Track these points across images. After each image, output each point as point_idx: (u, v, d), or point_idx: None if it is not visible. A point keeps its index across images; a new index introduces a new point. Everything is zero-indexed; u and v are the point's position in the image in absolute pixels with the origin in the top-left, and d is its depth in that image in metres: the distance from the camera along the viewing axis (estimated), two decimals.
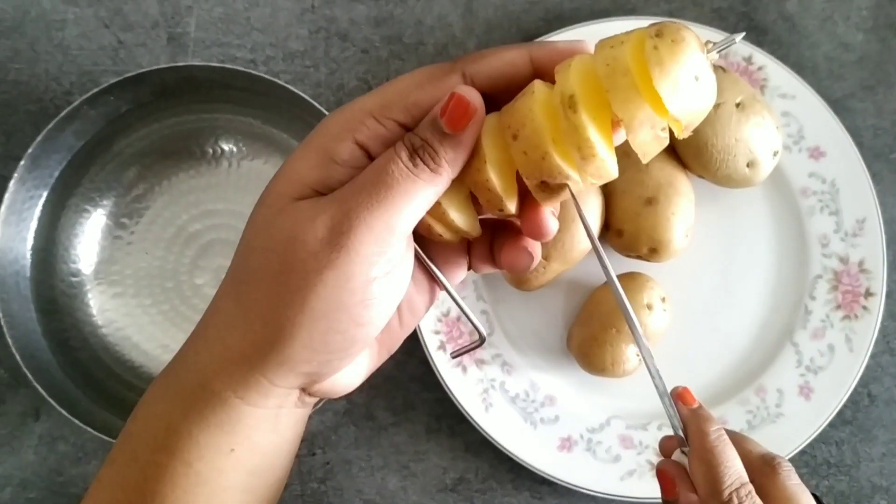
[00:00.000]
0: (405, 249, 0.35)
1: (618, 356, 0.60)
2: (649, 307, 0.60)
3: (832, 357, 0.64)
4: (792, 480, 0.39)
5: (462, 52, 0.67)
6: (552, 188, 0.34)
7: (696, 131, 0.59)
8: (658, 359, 0.45)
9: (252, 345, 0.34)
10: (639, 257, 0.61)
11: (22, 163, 0.59)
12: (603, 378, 0.62)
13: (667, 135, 0.32)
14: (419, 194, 0.33)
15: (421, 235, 0.37)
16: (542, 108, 0.32)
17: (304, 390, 0.37)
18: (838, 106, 0.67)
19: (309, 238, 0.32)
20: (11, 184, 0.59)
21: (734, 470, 0.38)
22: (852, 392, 0.63)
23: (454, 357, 0.43)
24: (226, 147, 0.65)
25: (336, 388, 0.37)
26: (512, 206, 0.35)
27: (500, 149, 0.34)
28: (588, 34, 0.64)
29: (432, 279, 0.40)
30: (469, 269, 0.40)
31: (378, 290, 0.34)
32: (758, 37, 0.68)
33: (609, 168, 0.33)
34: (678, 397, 0.41)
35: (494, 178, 0.34)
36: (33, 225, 0.62)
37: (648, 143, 0.32)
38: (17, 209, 0.61)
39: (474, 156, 0.34)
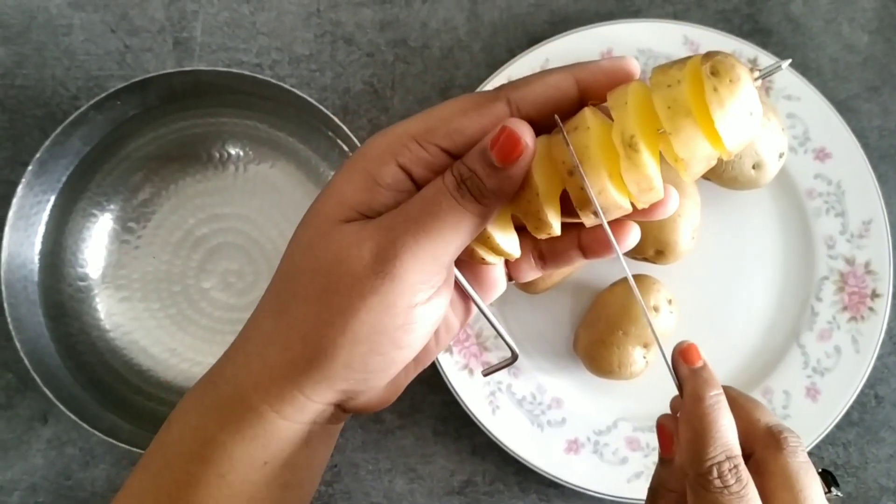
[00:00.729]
0: (447, 275, 0.35)
1: (625, 358, 0.60)
2: (656, 309, 0.60)
3: (839, 358, 0.64)
4: (797, 458, 0.36)
5: (468, 56, 0.67)
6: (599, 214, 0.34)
7: None
8: (664, 361, 0.44)
9: (291, 362, 0.34)
10: (645, 259, 0.61)
11: (30, 168, 0.59)
12: (610, 380, 0.62)
13: (716, 160, 0.33)
14: (466, 226, 0.33)
15: (460, 258, 0.37)
16: (598, 146, 0.33)
17: (340, 406, 0.37)
18: (843, 107, 0.67)
19: (354, 263, 0.33)
20: (19, 189, 0.59)
21: (722, 441, 0.35)
22: (859, 393, 0.63)
23: (486, 375, 0.43)
24: (232, 151, 0.65)
25: (371, 404, 0.38)
26: (558, 230, 0.35)
27: (550, 180, 0.34)
28: (593, 37, 0.64)
29: (467, 297, 0.40)
30: (510, 280, 0.41)
31: (419, 315, 0.34)
32: (763, 38, 0.68)
33: (660, 195, 0.34)
34: (680, 353, 0.38)
35: (546, 208, 0.34)
36: (41, 230, 0.63)
37: (701, 170, 0.33)
38: (25, 214, 0.61)
39: (525, 186, 0.34)
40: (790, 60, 0.35)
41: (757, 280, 0.65)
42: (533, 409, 0.64)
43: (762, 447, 0.36)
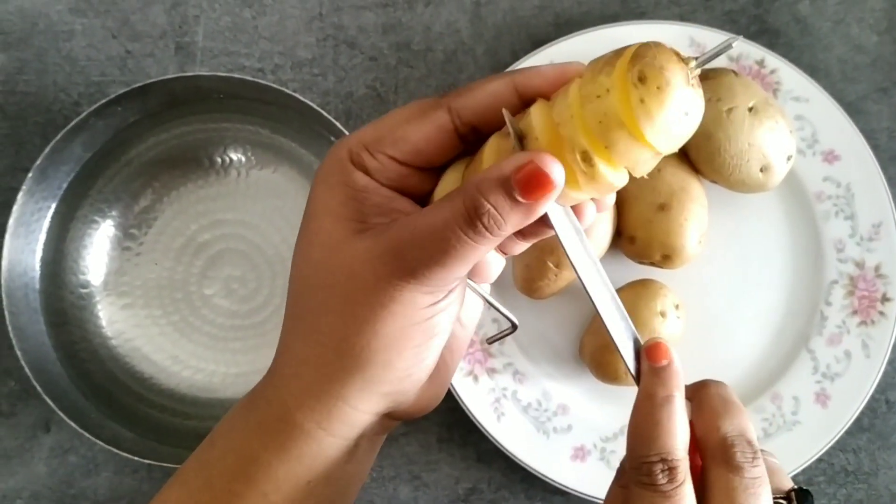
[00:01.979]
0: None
1: None
2: (663, 314, 0.60)
3: (849, 363, 0.63)
4: (742, 474, 0.34)
5: (471, 59, 0.67)
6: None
7: (709, 136, 0.59)
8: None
9: (329, 377, 0.35)
10: (652, 264, 0.61)
11: (30, 175, 0.59)
12: (616, 386, 0.62)
13: (661, 156, 0.32)
14: (477, 256, 0.33)
15: None
16: (550, 149, 0.32)
17: (389, 414, 0.37)
18: (852, 109, 0.66)
19: (369, 277, 0.33)
20: (20, 196, 0.59)
21: (660, 443, 0.33)
22: (869, 399, 0.63)
23: (489, 343, 0.42)
24: (234, 156, 0.65)
25: (418, 406, 0.38)
26: None
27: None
28: (598, 39, 0.63)
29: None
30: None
31: (442, 306, 0.34)
32: (770, 40, 0.67)
33: (615, 185, 0.33)
34: (646, 349, 0.36)
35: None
36: (42, 237, 0.62)
37: (649, 168, 0.32)
38: (26, 221, 0.60)
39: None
40: (740, 38, 0.33)
41: (765, 284, 0.65)
42: (539, 415, 0.63)
43: (710, 458, 0.35)
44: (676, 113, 0.30)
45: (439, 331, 0.35)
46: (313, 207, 0.35)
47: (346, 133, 0.60)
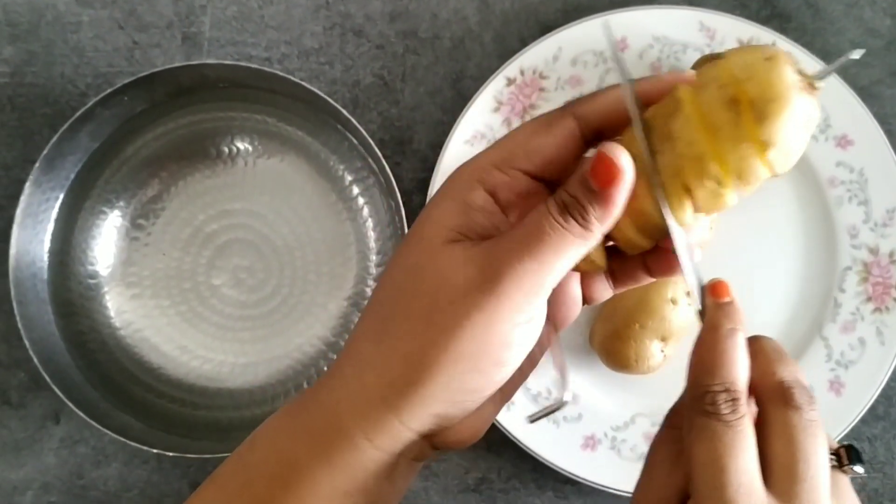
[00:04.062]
0: (546, 299, 0.36)
1: (642, 352, 0.59)
2: (673, 301, 0.59)
3: (863, 351, 0.62)
4: (801, 414, 0.33)
5: (478, 46, 0.66)
6: None
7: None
8: (683, 356, 0.43)
9: (390, 384, 0.35)
10: None
11: (37, 165, 0.59)
12: (627, 375, 0.61)
13: (775, 176, 0.34)
14: (569, 249, 0.34)
15: None
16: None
17: (430, 440, 0.37)
18: (865, 93, 0.65)
19: (460, 280, 0.34)
20: (27, 186, 0.59)
21: (724, 372, 0.34)
22: (884, 387, 0.62)
23: (532, 421, 0.41)
24: (241, 146, 0.65)
25: (461, 438, 0.38)
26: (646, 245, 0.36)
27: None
28: (608, 24, 0.63)
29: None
30: (585, 302, 0.41)
31: (519, 334, 0.34)
32: (781, 24, 0.66)
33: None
34: (710, 287, 0.37)
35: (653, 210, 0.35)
36: (50, 227, 0.62)
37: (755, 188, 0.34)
38: (34, 212, 0.60)
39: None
40: (861, 51, 0.34)
41: (778, 271, 0.64)
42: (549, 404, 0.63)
43: (767, 400, 0.35)
44: (793, 134, 0.32)
45: (505, 362, 0.35)
46: (421, 217, 0.37)
47: (354, 121, 0.59)
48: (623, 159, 0.33)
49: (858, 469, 0.35)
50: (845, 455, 0.36)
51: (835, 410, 0.62)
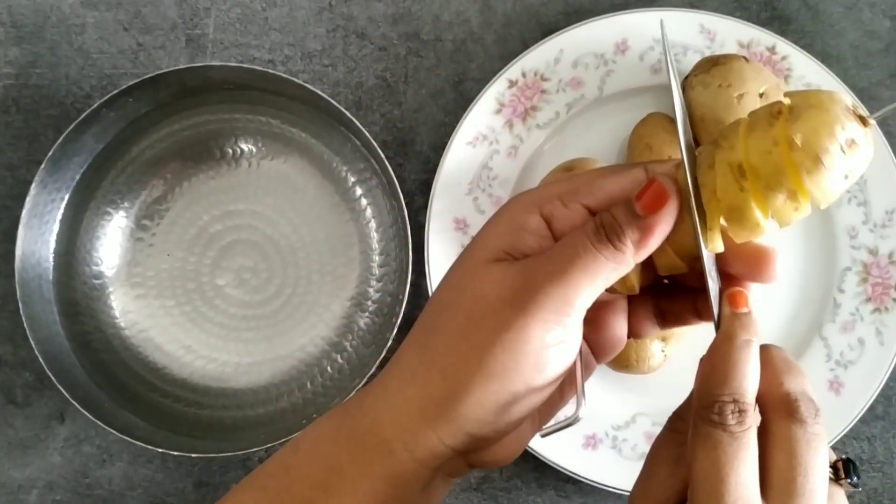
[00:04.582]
0: (580, 322, 0.36)
1: (643, 352, 0.59)
2: None
3: (862, 351, 0.63)
4: (805, 427, 0.34)
5: (481, 48, 0.67)
6: None
7: (719, 123, 0.58)
8: (683, 356, 0.43)
9: (429, 398, 0.35)
10: None
11: (42, 166, 0.59)
12: (628, 374, 0.62)
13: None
14: (600, 271, 0.34)
15: None
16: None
17: (468, 457, 0.37)
18: (865, 95, 0.65)
19: (493, 297, 0.35)
20: (32, 187, 0.59)
21: (735, 384, 0.34)
22: (884, 386, 0.62)
23: (544, 436, 0.42)
24: (245, 147, 0.65)
25: (498, 457, 0.38)
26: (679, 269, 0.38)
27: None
28: (608, 26, 0.63)
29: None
30: (629, 336, 0.42)
31: (550, 356, 0.35)
32: (781, 26, 0.66)
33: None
34: (729, 296, 0.37)
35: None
36: (55, 228, 0.63)
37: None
38: (39, 212, 0.61)
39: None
40: None
41: (777, 272, 0.64)
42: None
43: (772, 410, 0.35)
44: (838, 177, 0.33)
45: (537, 385, 0.35)
46: (477, 235, 0.38)
47: (357, 123, 0.60)
48: (671, 188, 0.35)
49: (852, 482, 0.36)
50: (843, 469, 0.36)
51: (834, 410, 0.62)
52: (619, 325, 0.40)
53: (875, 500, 0.65)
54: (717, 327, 0.37)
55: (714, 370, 0.35)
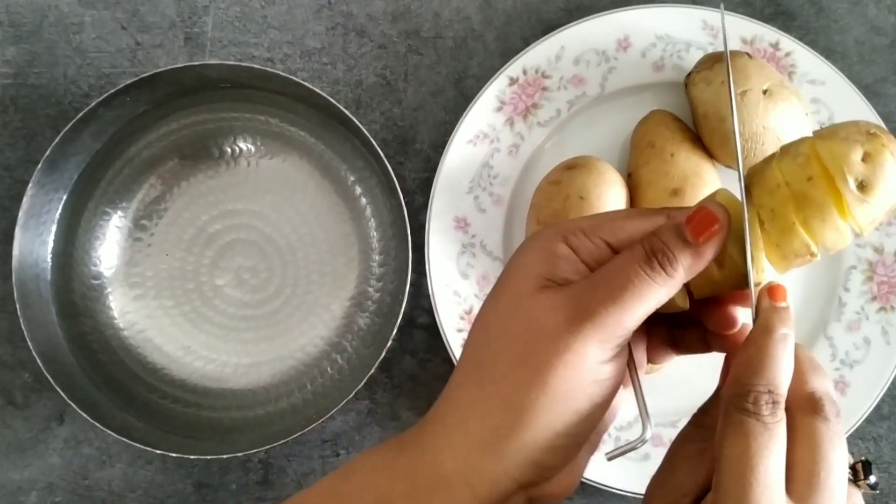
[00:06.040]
0: (628, 340, 0.37)
1: None
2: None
3: (868, 350, 0.62)
4: (828, 424, 0.34)
5: (481, 45, 0.66)
6: None
7: (723, 120, 0.58)
8: (685, 357, 0.43)
9: (492, 430, 0.36)
10: None
11: (39, 166, 0.59)
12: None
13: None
14: (651, 296, 0.36)
15: None
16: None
17: (529, 492, 0.37)
18: (870, 91, 0.65)
19: (550, 324, 0.35)
20: (30, 187, 0.59)
21: (771, 375, 0.34)
22: (890, 386, 0.62)
23: (610, 459, 0.42)
24: (243, 146, 0.65)
25: (558, 489, 0.38)
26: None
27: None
28: (610, 23, 0.63)
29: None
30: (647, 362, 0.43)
31: (607, 371, 0.36)
32: (785, 22, 0.66)
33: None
34: (768, 289, 0.38)
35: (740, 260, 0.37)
36: (53, 228, 0.62)
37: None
38: (37, 213, 0.60)
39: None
40: None
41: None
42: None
43: (797, 407, 0.35)
44: (884, 208, 0.36)
45: (599, 400, 0.36)
46: (510, 265, 0.39)
47: (356, 121, 0.59)
48: (722, 215, 0.36)
49: (869, 483, 0.36)
50: (861, 470, 0.36)
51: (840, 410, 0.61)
52: (638, 353, 0.42)
53: (881, 500, 0.65)
54: (755, 320, 0.37)
55: (750, 360, 0.35)
